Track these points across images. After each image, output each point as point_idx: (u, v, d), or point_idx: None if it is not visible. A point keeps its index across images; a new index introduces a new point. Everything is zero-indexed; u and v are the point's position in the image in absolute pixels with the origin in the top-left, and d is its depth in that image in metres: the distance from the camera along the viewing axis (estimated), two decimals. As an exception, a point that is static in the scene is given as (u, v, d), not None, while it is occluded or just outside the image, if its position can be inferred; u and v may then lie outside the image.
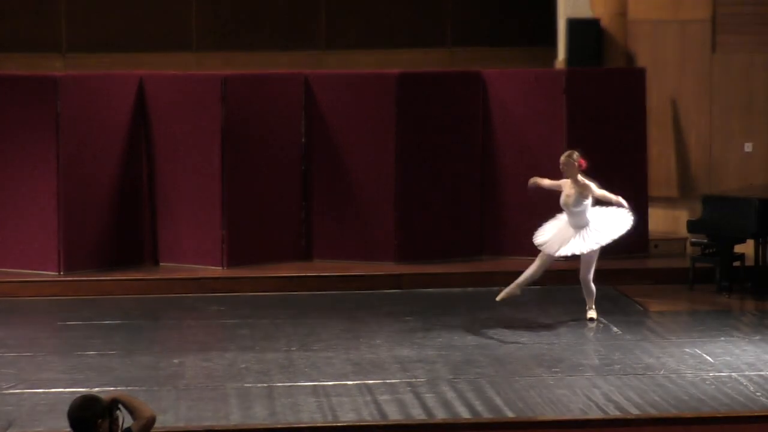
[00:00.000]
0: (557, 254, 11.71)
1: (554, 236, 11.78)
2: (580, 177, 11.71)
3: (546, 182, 12.01)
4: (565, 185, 11.77)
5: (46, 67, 16.14)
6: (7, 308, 12.86)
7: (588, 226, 11.72)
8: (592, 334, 11.60)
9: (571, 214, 11.73)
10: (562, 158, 11.79)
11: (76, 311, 12.69)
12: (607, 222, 11.81)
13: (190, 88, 14.05)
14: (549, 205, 14.44)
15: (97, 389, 9.53)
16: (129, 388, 9.79)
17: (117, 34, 17.18)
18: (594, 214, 11.80)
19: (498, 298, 11.87)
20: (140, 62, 16.32)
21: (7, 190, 13.76)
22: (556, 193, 14.55)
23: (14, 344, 11.36)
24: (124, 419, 5.84)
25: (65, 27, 17.23)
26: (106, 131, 13.88)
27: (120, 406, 5.85)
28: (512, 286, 11.83)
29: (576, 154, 11.76)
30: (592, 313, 12.00)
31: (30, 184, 13.68)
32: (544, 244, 11.79)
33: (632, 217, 11.84)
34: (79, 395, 5.77)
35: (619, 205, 11.83)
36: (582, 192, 11.64)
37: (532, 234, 14.42)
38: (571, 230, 11.73)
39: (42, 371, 10.42)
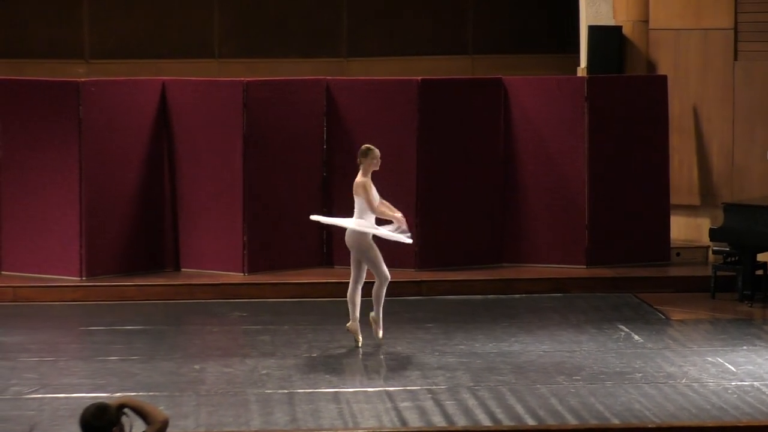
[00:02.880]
0: (322, 220, 11.48)
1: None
2: (363, 177, 11.22)
3: (376, 205, 11.39)
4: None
5: (70, 73, 16.21)
6: (30, 313, 12.91)
7: (367, 221, 11.23)
8: (613, 342, 11.57)
9: (356, 203, 11.28)
10: (363, 148, 11.32)
11: (97, 316, 12.72)
12: (388, 227, 11.33)
13: (212, 94, 14.08)
14: (568, 211, 14.44)
15: (118, 395, 9.56)
16: (150, 393, 9.82)
17: (140, 41, 17.24)
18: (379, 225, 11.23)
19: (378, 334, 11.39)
20: (163, 69, 16.36)
21: (30, 195, 13.81)
22: (566, 202, 14.57)
23: (36, 349, 11.40)
24: (132, 425, 5.84)
25: (88, 33, 17.30)
26: (128, 137, 13.92)
27: (126, 411, 5.84)
28: (373, 321, 11.38)
29: (377, 153, 11.27)
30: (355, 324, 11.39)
31: (52, 189, 13.73)
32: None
33: (411, 241, 11.40)
34: (89, 404, 5.76)
35: (397, 222, 11.37)
36: (355, 189, 11.21)
37: (553, 241, 14.46)
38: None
39: (64, 376, 10.45)
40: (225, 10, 17.41)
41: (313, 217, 11.78)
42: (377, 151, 11.33)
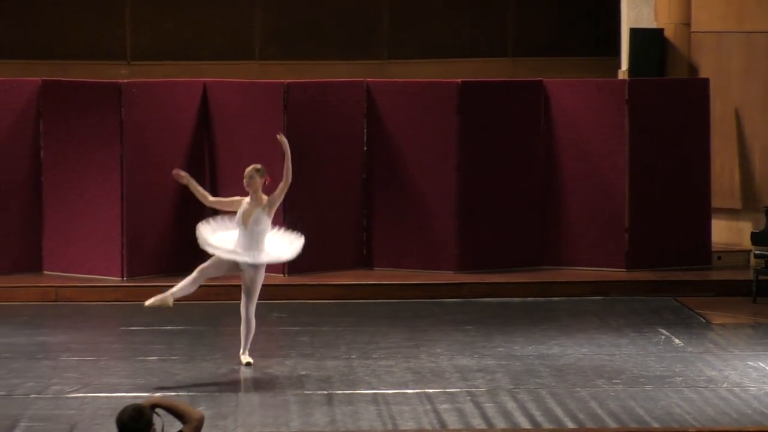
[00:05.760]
0: (226, 257, 10.52)
1: (225, 245, 10.60)
2: (262, 193, 10.67)
3: (211, 199, 11.01)
4: (242, 202, 10.67)
5: (112, 75, 16.31)
6: (71, 313, 13.00)
7: (262, 248, 10.61)
8: (653, 345, 11.52)
9: (246, 235, 10.55)
10: (250, 170, 10.70)
11: (138, 316, 12.76)
12: (279, 245, 10.76)
13: (253, 96, 14.13)
14: (608, 214, 14.40)
15: (158, 395, 9.60)
16: (190, 393, 9.88)
17: (181, 43, 17.33)
18: (270, 238, 10.72)
19: (147, 304, 10.49)
20: (204, 70, 16.44)
21: (72, 197, 13.89)
22: (608, 202, 14.45)
23: (77, 348, 11.47)
24: (164, 425, 5.86)
25: (130, 35, 17.40)
26: (169, 138, 13.99)
27: (158, 411, 5.86)
28: (166, 294, 10.53)
29: (264, 170, 10.75)
30: (247, 357, 10.69)
31: (94, 190, 13.80)
32: (215, 248, 10.57)
33: (302, 242, 10.78)
34: (124, 407, 5.78)
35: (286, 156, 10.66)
36: (266, 207, 10.61)
37: (593, 244, 14.42)
38: (242, 248, 10.55)
39: (104, 376, 10.51)
40: (266, 12, 17.47)
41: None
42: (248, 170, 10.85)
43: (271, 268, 14.00)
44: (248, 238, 10.63)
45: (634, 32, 15.35)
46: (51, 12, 17.31)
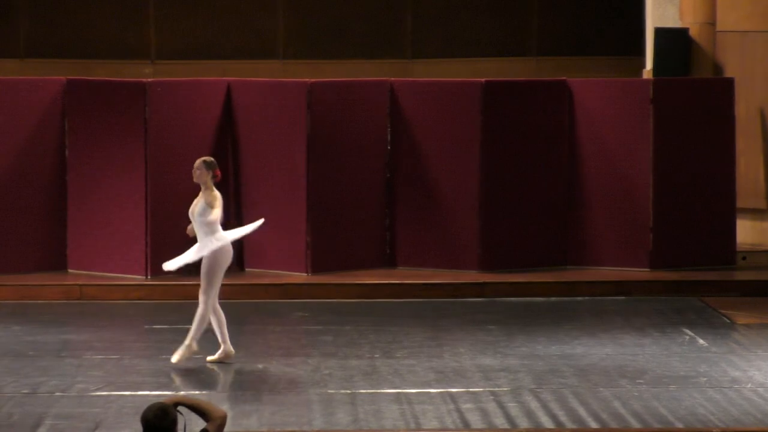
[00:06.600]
0: (168, 267, 10.78)
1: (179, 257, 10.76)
2: (211, 186, 10.73)
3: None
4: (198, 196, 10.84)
5: (136, 74, 16.37)
6: (95, 311, 13.04)
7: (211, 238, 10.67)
8: (677, 346, 11.49)
9: (197, 225, 10.70)
10: (198, 162, 10.79)
11: (162, 315, 12.82)
12: (233, 233, 10.84)
13: (276, 95, 14.15)
14: (632, 213, 14.36)
15: (181, 393, 9.63)
16: (213, 392, 9.90)
17: (205, 42, 17.37)
18: (228, 232, 10.81)
19: (174, 360, 10.59)
20: (227, 70, 16.47)
21: (96, 195, 13.94)
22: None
23: (101, 347, 11.52)
24: (186, 424, 5.87)
25: (154, 35, 17.45)
26: (193, 137, 14.02)
27: (180, 409, 5.88)
28: (186, 344, 10.61)
29: (214, 163, 10.80)
30: (228, 349, 10.65)
31: (118, 189, 13.85)
32: (171, 264, 10.82)
33: (262, 222, 10.94)
34: (149, 405, 5.80)
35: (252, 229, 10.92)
36: (208, 201, 10.67)
37: (617, 243, 14.39)
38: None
39: (128, 374, 10.55)
40: (289, 12, 17.49)
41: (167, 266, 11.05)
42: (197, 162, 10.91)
43: (294, 266, 14.06)
44: (198, 230, 10.78)
45: (658, 32, 15.32)
46: (75, 11, 17.38)
